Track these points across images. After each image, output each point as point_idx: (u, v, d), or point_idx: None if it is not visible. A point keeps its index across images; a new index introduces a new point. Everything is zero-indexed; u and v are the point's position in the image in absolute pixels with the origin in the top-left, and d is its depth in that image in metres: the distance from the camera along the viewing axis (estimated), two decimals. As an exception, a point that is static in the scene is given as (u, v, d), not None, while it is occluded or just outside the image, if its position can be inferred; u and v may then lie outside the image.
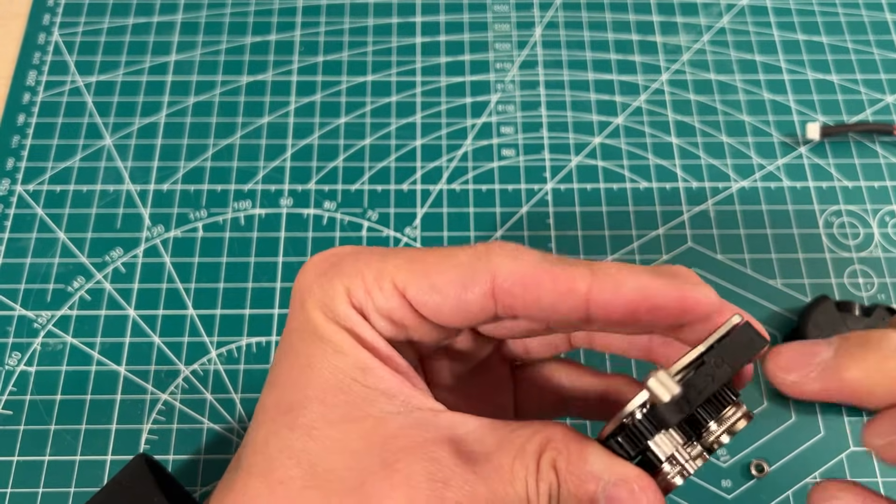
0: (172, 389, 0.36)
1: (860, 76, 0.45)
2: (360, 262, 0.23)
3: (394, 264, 0.23)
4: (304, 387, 0.22)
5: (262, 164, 0.42)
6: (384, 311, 0.23)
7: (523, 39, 0.47)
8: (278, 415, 0.23)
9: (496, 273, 0.22)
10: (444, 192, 0.42)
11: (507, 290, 0.22)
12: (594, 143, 0.43)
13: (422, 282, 0.22)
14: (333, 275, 0.23)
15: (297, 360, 0.23)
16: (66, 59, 0.46)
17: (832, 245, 0.40)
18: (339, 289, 0.23)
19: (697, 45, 0.47)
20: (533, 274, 0.22)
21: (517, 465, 0.21)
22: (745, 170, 0.42)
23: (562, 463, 0.21)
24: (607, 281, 0.21)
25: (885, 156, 0.43)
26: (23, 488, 0.34)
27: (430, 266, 0.22)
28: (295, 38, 0.46)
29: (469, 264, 0.22)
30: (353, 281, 0.23)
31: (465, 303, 0.22)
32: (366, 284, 0.23)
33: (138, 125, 0.43)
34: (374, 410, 0.22)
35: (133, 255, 0.40)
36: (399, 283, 0.22)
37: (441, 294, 0.22)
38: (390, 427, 0.22)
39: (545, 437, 0.21)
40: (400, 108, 0.44)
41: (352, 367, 0.22)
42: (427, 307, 0.22)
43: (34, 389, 0.36)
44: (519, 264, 0.22)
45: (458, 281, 0.22)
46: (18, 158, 0.42)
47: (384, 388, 0.22)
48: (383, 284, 0.23)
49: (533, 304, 0.22)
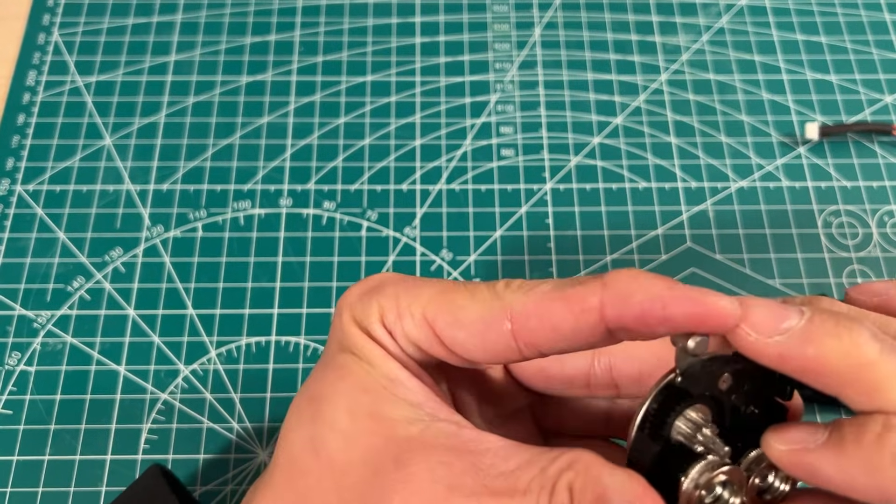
0: (172, 389, 0.36)
1: (859, 76, 0.45)
2: (399, 288, 0.24)
3: (427, 294, 0.24)
4: (332, 384, 0.24)
5: (262, 164, 0.42)
6: (412, 337, 0.24)
7: (523, 39, 0.47)
8: (306, 407, 0.24)
9: (512, 309, 0.22)
10: (444, 192, 0.42)
11: (524, 325, 0.22)
12: (593, 143, 0.43)
13: (448, 316, 0.23)
14: (373, 295, 0.24)
15: (331, 364, 0.24)
16: (66, 60, 0.46)
17: (831, 245, 0.41)
18: (374, 308, 0.24)
19: (696, 45, 0.47)
20: (545, 303, 0.22)
21: (533, 484, 0.20)
22: (744, 170, 0.43)
23: (578, 484, 0.20)
24: (618, 292, 0.21)
25: (884, 156, 0.43)
26: (22, 488, 0.34)
27: (456, 301, 0.23)
28: (294, 39, 0.47)
29: (488, 301, 0.23)
30: (388, 303, 0.24)
31: (488, 341, 0.23)
32: (399, 309, 0.24)
33: (138, 125, 0.43)
34: (396, 414, 0.23)
35: (133, 255, 0.40)
36: (429, 314, 0.23)
37: (465, 330, 0.23)
38: (411, 431, 0.22)
39: (569, 459, 0.21)
40: (399, 108, 0.44)
41: (381, 375, 0.23)
42: (454, 342, 0.23)
43: (34, 389, 0.36)
44: (531, 296, 0.22)
45: (480, 318, 0.23)
46: (18, 158, 0.42)
47: (411, 399, 0.23)
48: (414, 311, 0.23)
49: (552, 333, 0.22)
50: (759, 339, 0.20)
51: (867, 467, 0.19)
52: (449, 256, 0.40)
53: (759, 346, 0.21)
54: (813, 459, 0.20)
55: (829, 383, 0.20)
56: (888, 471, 0.19)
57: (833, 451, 0.20)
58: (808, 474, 0.20)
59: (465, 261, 0.40)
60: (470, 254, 0.40)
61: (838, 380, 0.20)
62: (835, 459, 0.20)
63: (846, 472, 0.19)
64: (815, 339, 0.20)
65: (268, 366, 0.37)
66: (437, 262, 0.40)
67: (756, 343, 0.21)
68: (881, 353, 0.20)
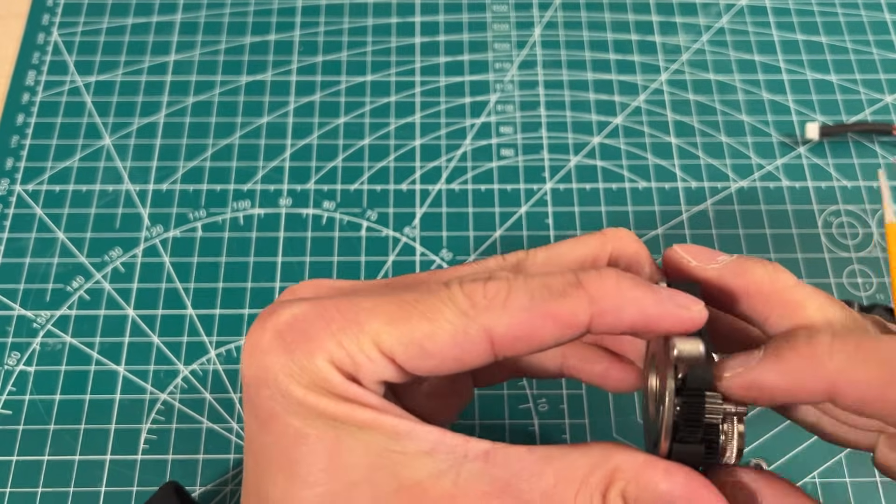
0: (171, 389, 0.36)
1: (859, 76, 0.45)
2: (333, 329, 0.21)
3: (373, 328, 0.21)
4: (339, 475, 0.20)
5: (262, 163, 0.42)
6: (377, 377, 0.21)
7: (522, 39, 0.47)
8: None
9: (491, 331, 0.21)
10: (444, 192, 0.42)
11: (508, 346, 0.21)
12: (593, 143, 0.43)
13: (412, 349, 0.21)
14: (308, 351, 0.21)
15: (313, 447, 0.21)
16: (66, 59, 0.46)
17: (831, 245, 0.40)
18: (324, 364, 0.21)
19: (696, 45, 0.47)
20: (530, 322, 0.21)
21: (580, 499, 0.20)
22: (744, 170, 0.42)
23: (631, 492, 0.20)
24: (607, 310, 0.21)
25: (884, 156, 0.43)
26: (22, 488, 0.34)
27: (416, 328, 0.21)
28: (294, 38, 0.46)
29: (460, 324, 0.21)
30: (336, 353, 0.21)
31: (462, 363, 0.21)
32: (350, 355, 0.21)
33: (137, 125, 0.43)
34: (422, 475, 0.21)
35: (132, 255, 0.40)
36: (385, 348, 0.21)
37: (436, 358, 0.21)
38: (444, 487, 0.20)
39: (611, 468, 0.21)
40: (399, 107, 0.44)
41: (383, 438, 0.21)
42: (420, 370, 0.21)
43: (33, 389, 0.36)
44: (511, 314, 0.21)
45: (452, 345, 0.21)
46: (17, 158, 0.42)
47: (425, 448, 0.21)
48: (370, 353, 0.21)
49: (536, 347, 0.21)
50: (698, 265, 0.24)
51: (807, 364, 0.21)
52: (449, 256, 0.40)
53: (699, 271, 0.24)
54: (756, 375, 0.21)
55: (758, 305, 0.23)
56: (826, 363, 0.20)
57: (772, 362, 0.21)
58: (757, 390, 0.21)
59: (465, 261, 0.40)
60: (470, 254, 0.40)
61: (766, 301, 0.23)
62: (777, 367, 0.21)
63: (789, 374, 0.21)
64: (745, 266, 0.23)
65: (267, 366, 0.37)
66: (436, 261, 0.40)
67: (697, 268, 0.24)
68: (797, 281, 0.23)
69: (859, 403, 0.21)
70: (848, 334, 0.21)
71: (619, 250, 0.24)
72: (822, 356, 0.21)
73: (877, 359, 0.20)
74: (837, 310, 0.23)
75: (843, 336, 0.21)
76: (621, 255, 0.25)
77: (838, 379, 0.20)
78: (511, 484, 0.21)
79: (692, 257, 0.24)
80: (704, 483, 0.20)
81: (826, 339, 0.21)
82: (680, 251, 0.24)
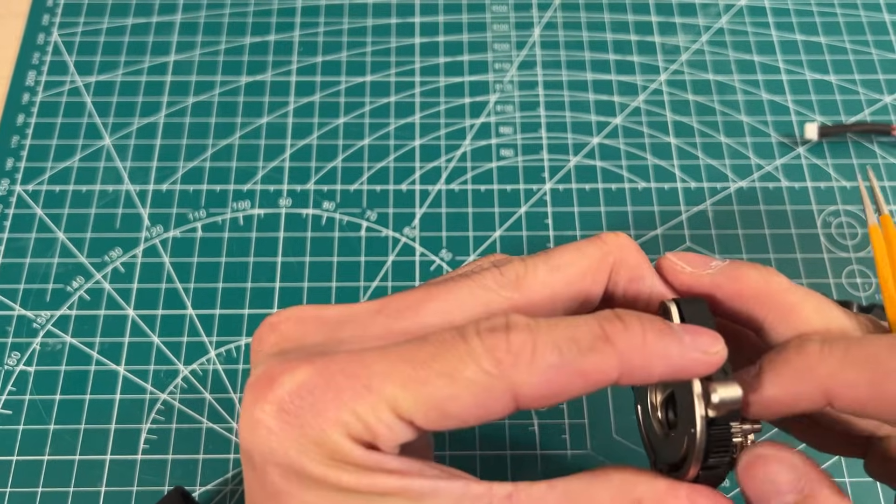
0: (171, 389, 0.36)
1: (858, 76, 0.46)
2: (345, 398, 0.19)
3: (388, 393, 0.19)
4: None
5: (261, 164, 0.42)
6: (396, 441, 0.20)
7: (522, 40, 0.47)
8: None
9: (517, 389, 0.20)
10: (443, 193, 0.42)
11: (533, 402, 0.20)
12: (593, 144, 0.43)
13: (431, 413, 0.19)
14: (321, 426, 0.19)
15: None
16: (66, 60, 0.46)
17: (830, 245, 0.41)
18: (339, 437, 0.19)
19: (696, 45, 0.47)
20: (558, 381, 0.20)
21: None
22: (744, 170, 0.43)
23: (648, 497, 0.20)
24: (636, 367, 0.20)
25: (884, 156, 0.43)
26: (22, 488, 0.34)
27: (434, 391, 0.19)
28: (294, 39, 0.47)
29: (483, 384, 0.19)
30: (351, 424, 0.19)
31: (483, 419, 0.20)
32: (366, 425, 0.19)
33: (137, 125, 0.44)
34: None
35: (132, 255, 0.40)
36: (404, 413, 0.19)
37: (458, 420, 0.20)
38: None
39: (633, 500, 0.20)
40: (399, 108, 0.44)
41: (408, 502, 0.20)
42: (441, 428, 0.20)
43: (33, 389, 0.36)
44: (541, 374, 0.20)
45: (475, 405, 0.20)
46: (18, 159, 0.42)
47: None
48: (388, 421, 0.20)
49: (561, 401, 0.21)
50: (693, 272, 0.24)
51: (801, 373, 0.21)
52: (448, 257, 0.40)
53: (693, 279, 0.24)
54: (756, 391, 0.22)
55: (753, 308, 0.23)
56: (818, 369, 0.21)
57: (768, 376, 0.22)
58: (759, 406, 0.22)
59: (465, 261, 0.40)
60: (469, 254, 0.40)
61: (760, 305, 0.23)
62: (773, 381, 0.22)
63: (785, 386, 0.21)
64: (738, 270, 0.23)
65: (267, 366, 0.37)
66: (436, 262, 0.40)
67: (691, 276, 0.24)
68: (790, 284, 0.23)
69: (855, 405, 0.21)
70: (837, 339, 0.22)
71: (620, 261, 0.24)
72: (814, 363, 0.21)
73: (864, 359, 0.21)
74: (833, 310, 0.23)
75: (832, 341, 0.21)
76: (622, 266, 0.24)
77: (831, 383, 0.21)
78: None
79: (686, 264, 0.24)
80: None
81: (815, 346, 0.21)
82: (673, 259, 0.24)
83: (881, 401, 0.20)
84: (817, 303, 0.23)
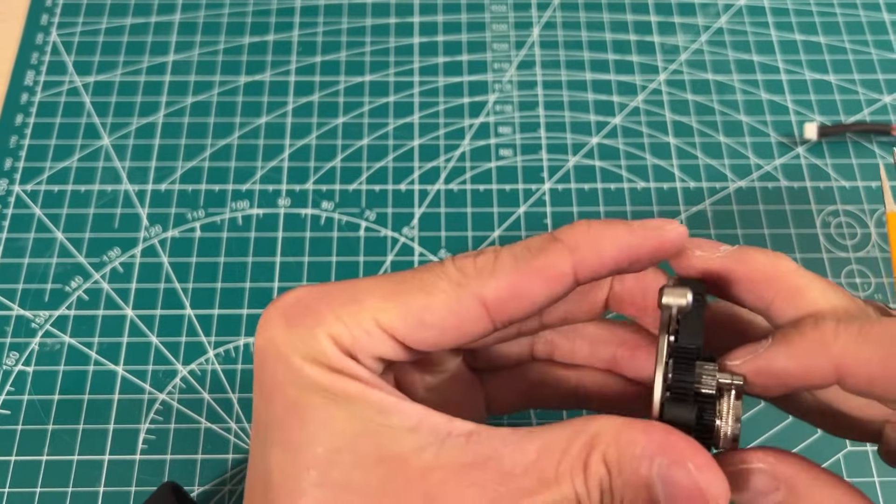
0: (170, 389, 0.36)
1: (857, 76, 0.45)
2: (334, 306, 0.22)
3: (372, 304, 0.22)
4: (324, 441, 0.21)
5: (260, 164, 0.42)
6: (376, 353, 0.22)
7: (521, 40, 0.47)
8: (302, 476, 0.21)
9: (483, 295, 0.22)
10: (442, 192, 0.42)
11: (500, 307, 0.22)
12: (592, 144, 0.43)
13: (411, 320, 0.22)
14: (309, 325, 0.22)
15: (305, 416, 0.22)
16: (64, 60, 0.46)
17: (829, 245, 0.41)
18: (323, 338, 0.22)
19: (695, 45, 0.47)
20: (518, 280, 0.22)
21: (562, 468, 0.20)
22: (743, 170, 0.43)
23: (612, 454, 0.20)
24: (587, 255, 0.22)
25: (883, 156, 0.43)
26: (20, 488, 0.34)
27: (413, 302, 0.22)
28: (293, 39, 0.47)
29: (453, 293, 0.22)
30: (335, 327, 0.22)
31: (462, 331, 0.22)
32: (349, 330, 0.22)
33: (136, 125, 0.43)
34: (404, 448, 0.21)
35: (131, 255, 0.40)
36: (384, 323, 0.22)
37: (435, 329, 0.22)
38: (426, 460, 0.21)
39: (591, 435, 0.21)
40: (398, 108, 0.44)
41: (369, 410, 0.21)
42: (422, 343, 0.22)
43: (32, 389, 0.36)
44: (499, 278, 0.22)
45: (448, 313, 0.22)
46: (16, 158, 0.42)
47: (408, 425, 0.22)
48: (369, 328, 0.22)
49: (528, 307, 0.22)
50: (703, 255, 0.24)
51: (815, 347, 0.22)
52: (447, 256, 0.40)
53: (704, 262, 0.24)
54: (767, 359, 0.22)
55: (762, 291, 0.23)
56: (833, 345, 0.21)
57: (782, 347, 0.22)
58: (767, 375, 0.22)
59: (464, 261, 0.40)
60: (468, 254, 0.40)
61: (768, 287, 0.23)
62: (786, 351, 0.22)
63: (798, 358, 0.22)
64: (747, 254, 0.24)
65: (266, 366, 0.37)
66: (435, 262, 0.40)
67: (701, 258, 0.24)
68: (797, 267, 0.24)
69: (866, 383, 0.21)
70: (852, 318, 0.22)
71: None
72: (829, 339, 0.21)
73: (879, 338, 0.21)
74: (839, 294, 0.23)
75: (847, 320, 0.22)
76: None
77: (844, 359, 0.21)
78: (492, 458, 0.21)
79: (697, 248, 0.24)
80: (683, 437, 0.20)
81: (832, 323, 0.22)
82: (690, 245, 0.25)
83: (892, 379, 0.21)
84: (824, 286, 0.23)
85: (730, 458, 0.22)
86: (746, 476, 0.22)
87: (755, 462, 0.22)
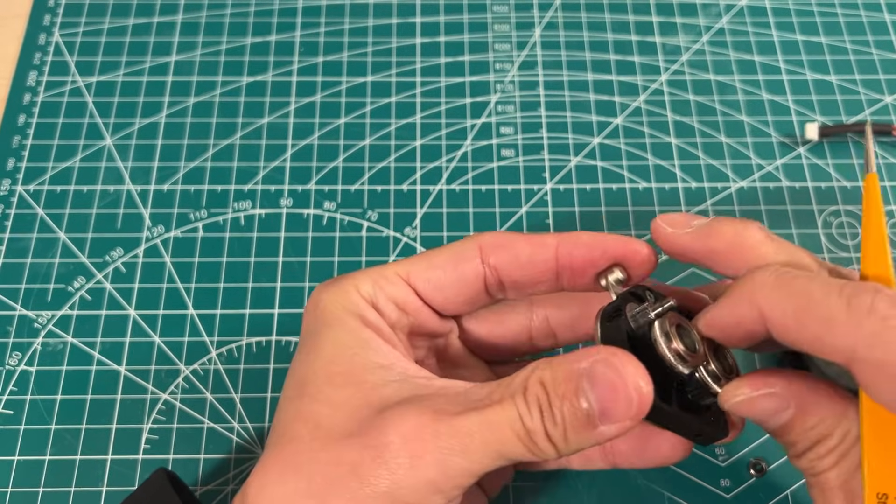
0: (173, 389, 0.37)
1: (859, 76, 0.46)
2: (367, 271, 0.28)
3: (396, 263, 0.28)
4: (311, 362, 0.26)
5: (262, 164, 0.42)
6: (390, 295, 0.28)
7: (523, 40, 0.47)
8: (292, 390, 0.27)
9: (481, 242, 0.28)
10: (444, 193, 0.42)
11: (491, 252, 0.27)
12: (593, 144, 0.43)
13: (423, 263, 0.28)
14: (343, 279, 0.28)
15: (308, 345, 0.27)
16: (67, 60, 0.46)
17: (831, 245, 0.41)
18: (348, 285, 0.27)
19: (696, 45, 0.47)
20: (510, 237, 0.28)
21: (506, 393, 0.23)
22: (744, 170, 0.43)
23: (547, 375, 0.23)
24: (569, 237, 0.27)
25: (884, 156, 0.43)
26: (23, 488, 0.34)
27: (429, 253, 0.28)
28: (295, 39, 0.47)
29: (459, 244, 0.28)
30: (360, 279, 0.28)
31: (461, 272, 0.28)
32: (372, 279, 0.28)
33: (139, 125, 0.44)
34: (373, 377, 0.25)
35: (133, 255, 0.40)
36: (402, 272, 0.28)
37: (440, 269, 0.28)
38: (388, 389, 0.25)
39: (533, 366, 0.24)
40: (400, 108, 0.44)
41: (354, 341, 0.26)
42: (429, 283, 0.28)
43: (34, 389, 0.36)
44: (498, 234, 0.28)
45: (452, 256, 0.28)
46: (19, 159, 0.42)
47: (383, 362, 0.26)
48: (388, 274, 0.28)
49: (514, 260, 0.27)
50: (674, 231, 0.27)
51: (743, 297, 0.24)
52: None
53: (672, 237, 0.27)
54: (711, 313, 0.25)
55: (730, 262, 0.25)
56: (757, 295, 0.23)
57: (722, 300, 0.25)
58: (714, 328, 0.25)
59: (466, 261, 0.40)
60: (470, 254, 0.40)
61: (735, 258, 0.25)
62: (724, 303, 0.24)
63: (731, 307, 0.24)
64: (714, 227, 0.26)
65: (268, 366, 0.37)
66: (437, 262, 0.40)
67: (671, 235, 0.27)
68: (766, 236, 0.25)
69: (781, 331, 0.23)
70: (780, 272, 0.23)
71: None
72: (754, 287, 0.23)
73: (797, 291, 0.23)
74: (792, 251, 0.25)
75: (774, 272, 0.24)
76: None
77: (765, 308, 0.23)
78: (448, 394, 0.24)
79: (668, 225, 0.27)
80: (614, 351, 0.23)
81: (761, 274, 0.24)
82: (659, 221, 0.27)
83: (802, 331, 0.22)
84: (791, 250, 0.25)
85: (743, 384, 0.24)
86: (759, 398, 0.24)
87: (765, 388, 0.24)
